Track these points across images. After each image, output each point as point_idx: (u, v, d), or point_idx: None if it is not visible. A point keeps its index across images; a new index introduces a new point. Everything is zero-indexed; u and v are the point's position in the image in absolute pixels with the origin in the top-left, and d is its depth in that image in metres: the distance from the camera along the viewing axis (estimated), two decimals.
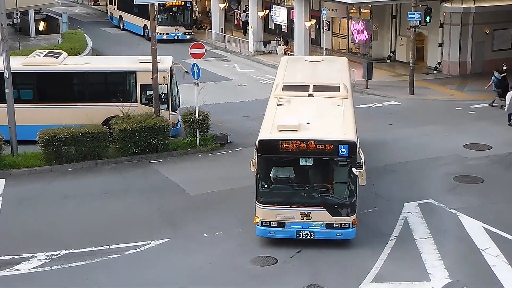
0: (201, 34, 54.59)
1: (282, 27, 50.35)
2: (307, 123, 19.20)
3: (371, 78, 38.04)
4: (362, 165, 17.95)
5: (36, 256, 18.96)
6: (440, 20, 40.49)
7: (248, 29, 51.57)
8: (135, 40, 51.03)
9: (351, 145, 17.96)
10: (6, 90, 26.05)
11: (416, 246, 19.29)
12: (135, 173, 25.95)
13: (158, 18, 39.66)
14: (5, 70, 25.85)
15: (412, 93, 36.76)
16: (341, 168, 18.51)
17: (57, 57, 29.92)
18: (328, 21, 43.99)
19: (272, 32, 51.76)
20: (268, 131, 19.06)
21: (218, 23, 53.04)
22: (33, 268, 18.45)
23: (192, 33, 51.52)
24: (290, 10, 46.72)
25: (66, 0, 67.39)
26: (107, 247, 19.27)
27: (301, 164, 18.47)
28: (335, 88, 22.25)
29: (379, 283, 17.26)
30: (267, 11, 50.28)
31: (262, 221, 18.66)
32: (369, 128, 29.36)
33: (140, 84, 28.81)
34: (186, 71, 30.21)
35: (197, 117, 27.96)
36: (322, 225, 18.50)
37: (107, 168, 26.13)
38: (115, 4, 57.64)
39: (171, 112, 29.03)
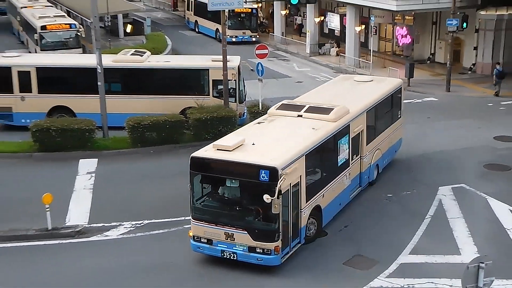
0: (265, 37, 54.67)
1: (335, 31, 50.13)
2: (252, 144, 17.24)
3: (413, 77, 37.72)
4: (275, 192, 15.33)
5: (123, 225, 19.64)
6: (475, 26, 39.88)
7: (303, 31, 51.85)
8: (208, 42, 51.28)
9: (272, 171, 15.63)
10: (99, 83, 26.58)
11: (449, 225, 19.30)
12: None
13: (228, 23, 39.86)
14: (98, 66, 26.36)
15: (449, 91, 36.42)
16: (262, 193, 15.41)
17: (141, 55, 30.37)
18: (376, 27, 43.54)
19: (326, 36, 51.47)
20: (205, 149, 17.65)
21: (280, 28, 53.12)
22: (120, 234, 19.11)
23: (257, 36, 51.53)
24: (342, 16, 46.45)
25: (150, 6, 68.12)
26: (182, 218, 19.48)
27: (227, 184, 16.96)
28: (327, 111, 19.74)
29: (415, 255, 17.44)
30: (322, 17, 50.20)
31: (194, 236, 17.09)
32: (409, 120, 29.28)
33: (212, 79, 29.02)
34: (251, 69, 30.37)
35: (260, 108, 28.06)
36: (245, 248, 16.40)
37: (183, 151, 26.21)
38: (191, 10, 57.93)
39: (238, 104, 29.13)
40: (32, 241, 18.67)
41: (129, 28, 50.24)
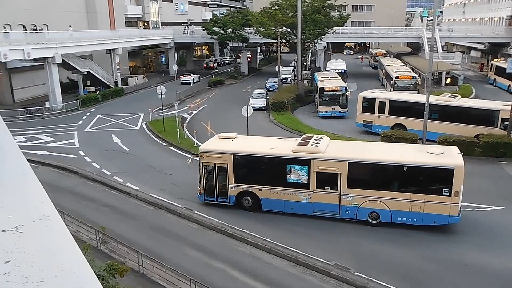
0: None
1: None
2: (235, 137, 18.89)
3: None
4: (190, 158, 19.61)
5: None
6: None
7: None
8: (501, 93, 45.52)
9: (199, 149, 18.28)
10: (425, 112, 25.82)
11: None
12: (485, 167, 23.57)
13: None
14: (426, 102, 25.64)
15: None
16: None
17: (455, 98, 28.69)
18: None
19: None
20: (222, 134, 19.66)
21: None
22: None
23: None
24: None
25: (464, 68, 62.82)
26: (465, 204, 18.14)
27: None
28: (299, 145, 17.32)
29: None
30: None
31: None
32: None
33: (501, 117, 26.13)
34: None
35: None
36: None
37: (473, 161, 23.86)
38: (492, 71, 51.80)
39: None
40: None
41: (448, 80, 47.58)
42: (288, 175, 17.02)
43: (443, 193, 15.68)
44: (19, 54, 35.76)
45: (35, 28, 41.74)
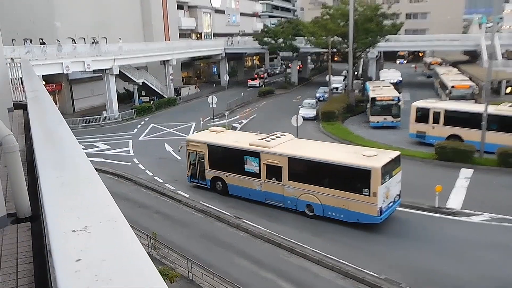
0: None
1: None
2: (222, 131, 22.36)
3: None
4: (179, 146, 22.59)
5: (483, 214, 18.18)
6: None
7: None
8: None
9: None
10: (483, 123, 24.93)
11: None
12: None
13: None
14: (484, 112, 24.82)
15: None
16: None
17: None
18: None
19: None
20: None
21: None
22: (481, 220, 17.82)
23: None
24: None
25: None
26: None
27: None
28: (259, 140, 20.01)
29: None
30: None
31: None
32: None
33: None
34: None
35: None
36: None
37: None
38: None
39: None
40: (425, 212, 18.77)
41: (508, 89, 45.11)
42: (245, 165, 19.62)
43: (363, 193, 16.58)
44: (80, 66, 37.82)
45: (93, 41, 43.98)
